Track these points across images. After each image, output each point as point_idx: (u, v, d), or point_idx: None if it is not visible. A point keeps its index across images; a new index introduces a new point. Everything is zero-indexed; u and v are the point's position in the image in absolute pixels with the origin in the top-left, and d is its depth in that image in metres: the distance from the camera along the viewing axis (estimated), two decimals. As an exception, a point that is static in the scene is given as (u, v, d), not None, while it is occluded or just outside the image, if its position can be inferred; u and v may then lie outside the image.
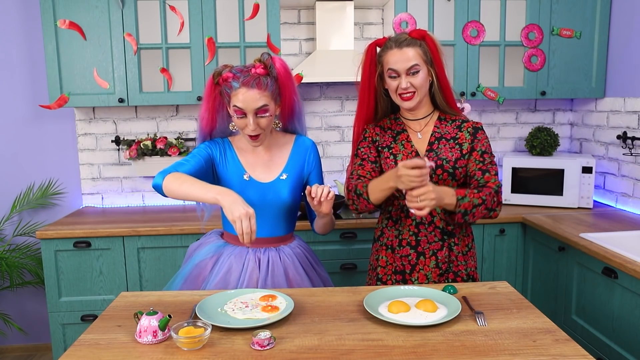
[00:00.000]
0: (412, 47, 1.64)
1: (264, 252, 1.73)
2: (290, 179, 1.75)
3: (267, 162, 1.76)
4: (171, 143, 2.94)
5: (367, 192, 1.65)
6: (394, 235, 1.75)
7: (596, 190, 2.94)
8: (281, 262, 1.73)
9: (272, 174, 1.75)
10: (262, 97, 1.60)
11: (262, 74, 1.61)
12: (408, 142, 1.73)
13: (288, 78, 1.67)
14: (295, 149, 1.79)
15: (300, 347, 1.25)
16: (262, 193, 1.72)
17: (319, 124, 3.12)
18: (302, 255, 1.79)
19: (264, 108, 1.61)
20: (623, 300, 1.92)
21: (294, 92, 1.70)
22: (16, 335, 3.13)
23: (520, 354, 1.21)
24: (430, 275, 1.71)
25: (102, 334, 1.34)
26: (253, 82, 1.59)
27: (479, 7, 2.76)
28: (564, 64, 2.83)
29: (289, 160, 1.77)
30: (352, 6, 2.83)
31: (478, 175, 1.67)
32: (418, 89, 1.66)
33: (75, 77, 2.67)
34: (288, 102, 1.70)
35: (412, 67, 1.63)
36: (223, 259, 1.73)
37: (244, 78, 1.59)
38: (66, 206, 3.08)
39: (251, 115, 1.61)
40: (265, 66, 1.63)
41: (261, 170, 1.75)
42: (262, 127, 1.64)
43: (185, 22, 2.70)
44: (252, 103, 1.59)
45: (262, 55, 1.65)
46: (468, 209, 1.57)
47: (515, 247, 2.67)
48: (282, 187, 1.73)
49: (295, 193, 1.77)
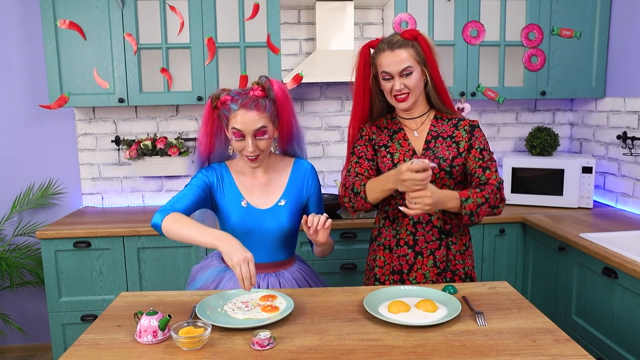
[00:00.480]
0: (405, 48, 1.64)
1: (263, 278, 1.72)
2: (289, 205, 1.74)
3: (265, 187, 1.75)
4: (171, 143, 2.94)
5: (365, 191, 1.64)
6: (391, 235, 1.75)
7: (596, 190, 2.94)
8: (280, 287, 1.72)
9: (270, 199, 1.74)
10: (261, 119, 1.60)
11: (260, 96, 1.61)
12: (405, 140, 1.73)
13: (286, 100, 1.67)
14: (294, 173, 1.78)
15: (300, 347, 1.25)
16: (260, 220, 1.71)
17: (319, 124, 3.12)
18: (302, 280, 1.79)
19: (263, 129, 1.61)
20: (623, 300, 1.92)
21: (292, 114, 1.70)
22: (16, 335, 3.13)
23: (520, 354, 1.21)
24: (428, 274, 1.71)
25: (102, 334, 1.34)
26: (252, 103, 1.59)
27: (479, 7, 2.76)
28: (564, 64, 2.83)
29: (288, 185, 1.76)
30: (352, 6, 2.83)
31: (479, 173, 1.66)
32: (412, 89, 1.66)
33: (75, 77, 2.67)
34: (286, 124, 1.70)
35: (405, 69, 1.63)
36: (223, 284, 1.73)
37: (242, 100, 1.60)
38: (66, 206, 3.08)
39: (250, 137, 1.61)
40: (264, 89, 1.63)
41: (259, 195, 1.74)
42: (260, 148, 1.64)
43: (185, 22, 2.70)
44: (250, 124, 1.59)
45: (260, 78, 1.66)
46: (473, 209, 1.56)
47: (515, 247, 2.67)
48: (281, 214, 1.72)
49: (294, 219, 1.75)
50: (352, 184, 1.69)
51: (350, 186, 1.69)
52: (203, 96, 2.71)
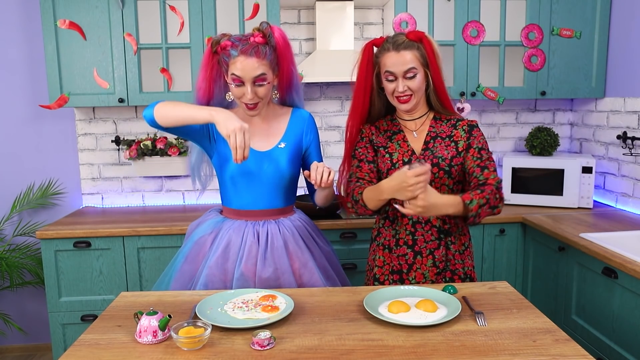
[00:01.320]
0: (410, 50, 1.64)
1: (262, 225, 1.72)
2: (288, 148, 1.74)
3: (264, 132, 1.75)
4: (171, 143, 2.94)
5: (363, 199, 1.64)
6: (391, 235, 1.75)
7: (596, 190, 2.94)
8: (280, 234, 1.71)
9: (269, 142, 1.74)
10: (261, 66, 1.60)
11: (260, 43, 1.61)
12: (404, 141, 1.73)
13: (287, 48, 1.67)
14: (292, 120, 1.79)
15: (300, 347, 1.25)
16: (259, 162, 1.71)
17: (319, 124, 3.12)
18: (303, 228, 1.78)
19: (262, 77, 1.61)
20: (623, 300, 1.92)
21: (292, 62, 1.70)
22: (16, 335, 3.13)
23: (520, 354, 1.21)
24: (427, 274, 1.71)
25: (102, 334, 1.34)
26: (252, 50, 1.59)
27: (479, 7, 2.76)
28: (564, 64, 2.83)
29: (287, 131, 1.76)
30: (352, 6, 2.83)
31: (477, 173, 1.66)
32: (415, 92, 1.66)
33: (75, 77, 2.67)
34: (286, 72, 1.70)
35: (409, 71, 1.63)
36: (222, 234, 1.72)
37: (243, 46, 1.59)
38: (66, 206, 3.08)
39: (249, 84, 1.60)
40: (264, 35, 1.62)
41: (258, 139, 1.74)
42: (259, 96, 1.64)
43: (185, 22, 2.70)
44: (250, 71, 1.59)
45: (261, 24, 1.65)
46: (476, 210, 1.56)
47: (515, 247, 2.67)
48: (280, 156, 1.72)
49: (294, 163, 1.75)
50: (352, 191, 1.69)
51: (350, 193, 1.69)
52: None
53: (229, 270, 1.69)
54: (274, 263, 1.69)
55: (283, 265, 1.69)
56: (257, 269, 1.68)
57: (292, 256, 1.72)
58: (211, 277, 1.68)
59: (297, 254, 1.72)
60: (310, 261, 1.73)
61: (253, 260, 1.68)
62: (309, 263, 1.72)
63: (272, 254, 1.69)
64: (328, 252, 1.85)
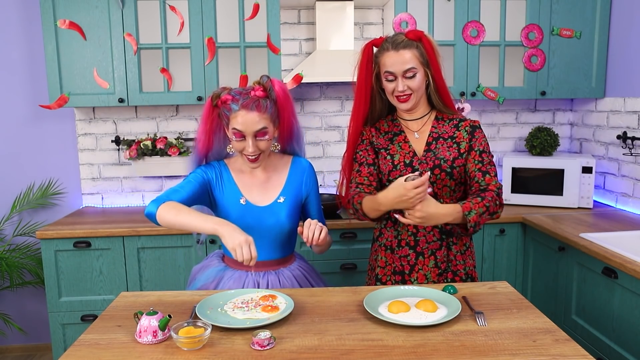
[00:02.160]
0: (409, 49, 1.63)
1: (263, 276, 1.72)
2: (287, 202, 1.73)
3: (264, 184, 1.75)
4: (171, 143, 2.94)
5: (363, 209, 1.65)
6: (392, 236, 1.75)
7: (596, 190, 2.94)
8: (280, 285, 1.72)
9: (269, 196, 1.74)
10: (262, 120, 1.60)
11: (261, 97, 1.60)
12: (406, 142, 1.73)
13: (287, 100, 1.66)
14: (292, 171, 1.78)
15: (300, 347, 1.25)
16: (259, 217, 1.71)
17: (319, 124, 3.12)
18: (302, 277, 1.78)
19: (264, 130, 1.61)
20: (623, 300, 1.92)
21: (292, 114, 1.70)
22: (16, 335, 3.13)
23: (520, 354, 1.21)
24: (429, 275, 1.71)
25: (102, 334, 1.34)
26: (252, 104, 1.58)
27: (479, 7, 2.76)
28: (564, 64, 2.83)
29: (287, 183, 1.76)
30: (352, 6, 2.83)
31: (478, 177, 1.66)
32: (414, 91, 1.65)
33: (75, 77, 2.67)
34: (287, 124, 1.70)
35: (409, 70, 1.62)
36: (223, 284, 1.73)
37: (244, 100, 1.59)
38: (66, 206, 3.08)
39: (250, 138, 1.60)
40: (265, 89, 1.62)
41: (258, 193, 1.74)
42: (261, 149, 1.64)
43: (185, 22, 2.70)
44: (251, 125, 1.59)
45: (261, 78, 1.65)
46: (475, 220, 1.57)
47: (515, 247, 2.67)
48: (280, 211, 1.72)
49: (293, 216, 1.75)
50: (352, 197, 1.69)
51: (350, 200, 1.70)
52: (203, 96, 2.71)
53: None
54: None
55: None
56: None
57: None
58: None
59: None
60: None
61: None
62: None
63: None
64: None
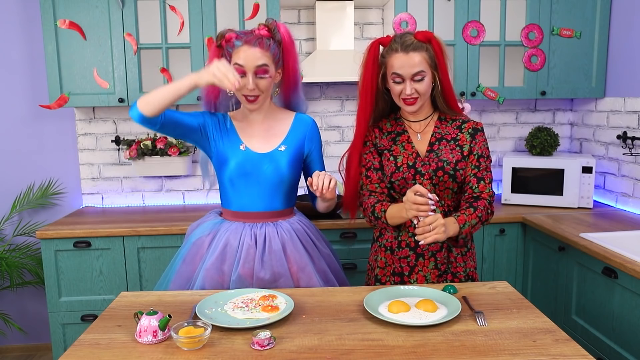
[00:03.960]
0: (419, 51, 1.59)
1: (260, 227, 1.71)
2: (289, 151, 1.73)
3: (265, 133, 1.74)
4: (171, 143, 2.94)
5: (386, 217, 1.65)
6: (393, 237, 1.74)
7: (596, 190, 2.94)
8: (279, 237, 1.70)
9: (270, 144, 1.73)
10: (263, 56, 1.61)
11: (265, 36, 1.62)
12: (408, 143, 1.71)
13: (291, 45, 1.68)
14: (295, 124, 1.78)
15: (300, 347, 1.25)
16: (259, 164, 1.70)
17: (319, 124, 3.11)
18: (302, 231, 1.77)
19: (264, 67, 1.61)
20: (623, 300, 1.92)
21: (296, 61, 1.71)
22: (16, 335, 3.13)
23: (520, 354, 1.21)
24: (429, 276, 1.70)
25: (102, 334, 1.34)
26: (256, 41, 1.60)
27: (479, 7, 2.76)
28: (564, 64, 2.83)
29: (289, 134, 1.76)
30: (352, 6, 2.83)
31: (473, 183, 1.66)
32: (422, 94, 1.63)
33: (75, 77, 2.67)
34: (291, 69, 1.70)
35: (418, 74, 1.59)
36: (220, 236, 1.72)
37: (247, 37, 1.61)
38: (66, 206, 3.08)
39: (251, 74, 1.61)
40: (270, 29, 1.64)
41: (258, 140, 1.73)
42: (261, 88, 1.64)
43: (185, 22, 2.70)
44: (252, 60, 1.60)
45: (267, 19, 1.67)
46: (468, 232, 1.59)
47: (515, 247, 2.67)
48: (281, 159, 1.71)
49: (295, 166, 1.74)
50: (371, 207, 1.68)
51: (370, 209, 1.68)
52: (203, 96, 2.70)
53: (226, 273, 1.69)
54: (272, 266, 1.68)
55: (281, 268, 1.68)
56: (254, 272, 1.67)
57: (290, 260, 1.71)
58: (208, 279, 1.68)
59: (295, 258, 1.71)
60: (309, 265, 1.72)
61: (250, 263, 1.67)
62: (307, 267, 1.71)
63: (269, 257, 1.68)
64: (328, 255, 1.83)
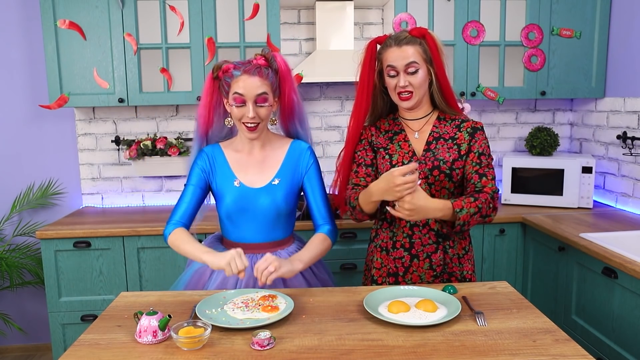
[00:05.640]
0: (412, 45, 1.62)
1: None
2: (283, 184, 1.72)
3: (260, 164, 1.74)
4: (171, 143, 2.94)
5: (359, 204, 1.64)
6: (388, 237, 1.74)
7: (596, 190, 2.94)
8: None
9: (264, 178, 1.73)
10: (263, 85, 1.62)
11: (263, 65, 1.63)
12: (405, 142, 1.71)
13: (288, 73, 1.68)
14: (290, 152, 1.77)
15: (300, 347, 1.25)
16: (254, 199, 1.70)
17: (319, 124, 3.12)
18: None
19: (264, 96, 1.62)
20: (623, 300, 1.92)
21: (293, 90, 1.71)
22: (16, 335, 3.13)
23: (520, 354, 1.21)
24: (424, 276, 1.70)
25: (102, 334, 1.34)
26: (254, 70, 1.61)
27: (479, 7, 2.76)
28: (564, 64, 2.83)
29: (283, 164, 1.75)
30: (352, 6, 2.83)
31: (475, 180, 1.64)
32: (416, 88, 1.63)
33: (75, 77, 2.67)
34: (288, 98, 1.70)
35: (411, 64, 1.61)
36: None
37: (245, 67, 1.62)
38: (66, 206, 3.08)
39: (251, 103, 1.61)
40: (267, 59, 1.65)
41: (253, 173, 1.73)
42: (260, 116, 1.64)
43: (185, 22, 2.70)
44: (252, 89, 1.60)
45: (263, 49, 1.69)
46: (466, 219, 1.55)
47: (515, 247, 2.67)
48: (275, 193, 1.71)
49: (291, 198, 1.74)
50: (348, 197, 1.69)
51: (347, 200, 1.69)
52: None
53: None
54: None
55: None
56: None
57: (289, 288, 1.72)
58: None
59: (294, 286, 1.72)
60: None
61: None
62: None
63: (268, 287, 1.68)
64: (326, 281, 1.84)
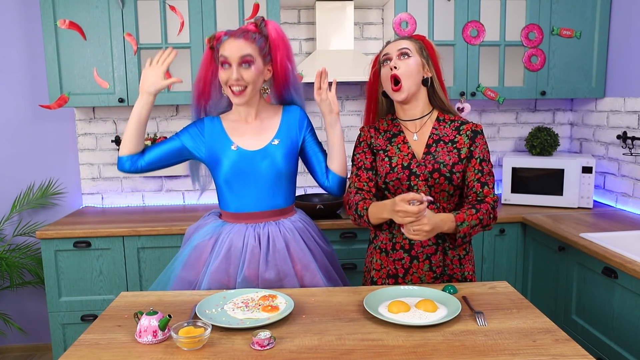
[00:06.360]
0: (407, 39, 1.69)
1: (263, 227, 1.71)
2: (283, 144, 1.72)
3: (256, 129, 1.74)
4: (171, 143, 2.94)
5: (368, 215, 1.64)
6: (387, 239, 1.73)
7: (596, 190, 2.94)
8: (282, 236, 1.70)
9: (262, 140, 1.73)
10: (248, 47, 1.62)
11: (251, 30, 1.65)
12: (404, 144, 1.70)
13: (281, 40, 1.69)
14: (285, 116, 1.78)
15: (300, 347, 1.25)
16: (253, 162, 1.69)
17: (319, 124, 3.12)
18: (304, 229, 1.76)
19: (247, 58, 1.62)
20: (623, 300, 1.92)
21: (288, 58, 1.71)
22: (16, 335, 3.13)
23: (520, 354, 1.21)
24: (424, 277, 1.69)
25: (102, 334, 1.34)
26: (240, 34, 1.63)
27: (479, 7, 2.76)
28: (564, 64, 2.83)
29: (280, 127, 1.75)
30: (352, 6, 2.83)
31: (477, 188, 1.65)
32: (405, 74, 1.63)
33: (75, 77, 2.67)
34: (281, 66, 1.70)
35: (403, 49, 1.65)
36: (222, 238, 1.71)
37: (232, 32, 1.64)
38: (66, 206, 3.08)
39: (235, 64, 1.62)
40: (256, 25, 1.67)
41: (250, 137, 1.73)
42: (245, 79, 1.64)
43: (185, 22, 2.70)
44: (236, 51, 1.61)
45: (256, 17, 1.70)
46: (467, 232, 1.57)
47: (515, 247, 2.67)
48: (275, 152, 1.71)
49: (291, 159, 1.74)
50: (355, 204, 1.67)
51: (353, 207, 1.68)
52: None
53: (232, 275, 1.69)
54: (276, 266, 1.68)
55: (285, 267, 1.68)
56: (259, 272, 1.67)
57: (294, 258, 1.71)
58: (214, 282, 1.67)
59: (299, 256, 1.71)
60: (312, 263, 1.72)
61: (255, 264, 1.67)
62: (311, 265, 1.71)
63: (274, 256, 1.68)
64: (329, 253, 1.83)
